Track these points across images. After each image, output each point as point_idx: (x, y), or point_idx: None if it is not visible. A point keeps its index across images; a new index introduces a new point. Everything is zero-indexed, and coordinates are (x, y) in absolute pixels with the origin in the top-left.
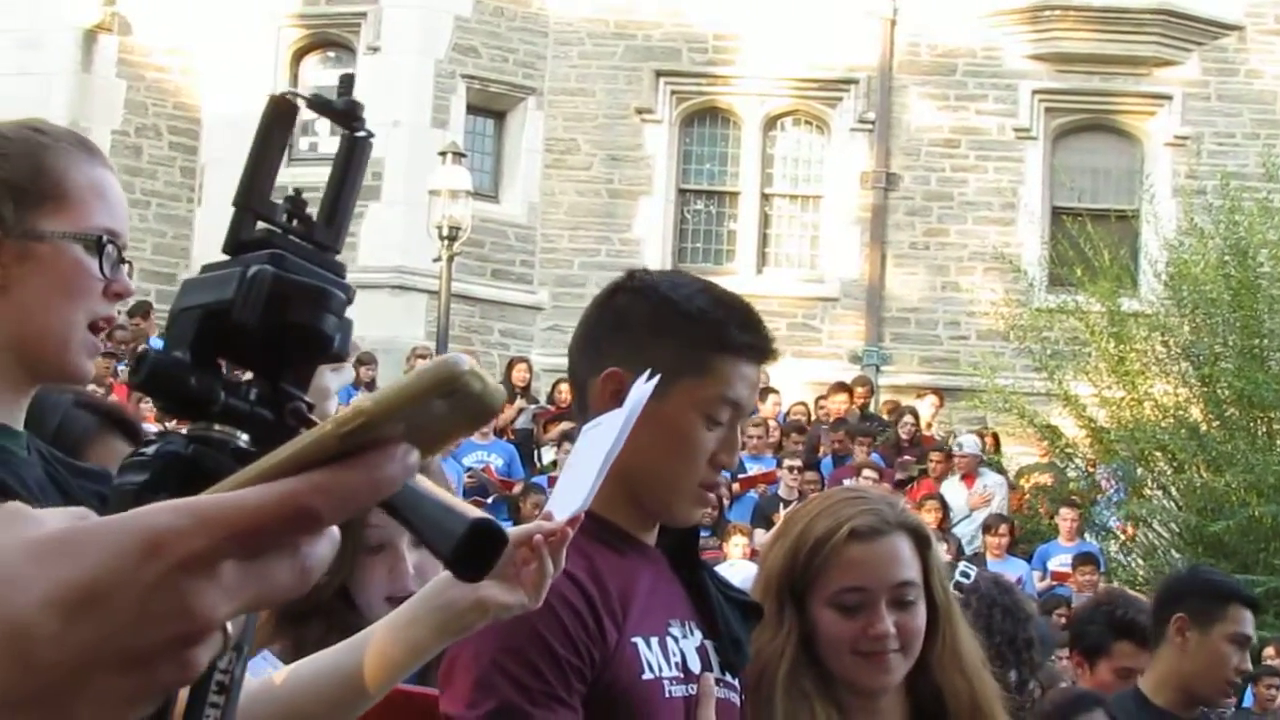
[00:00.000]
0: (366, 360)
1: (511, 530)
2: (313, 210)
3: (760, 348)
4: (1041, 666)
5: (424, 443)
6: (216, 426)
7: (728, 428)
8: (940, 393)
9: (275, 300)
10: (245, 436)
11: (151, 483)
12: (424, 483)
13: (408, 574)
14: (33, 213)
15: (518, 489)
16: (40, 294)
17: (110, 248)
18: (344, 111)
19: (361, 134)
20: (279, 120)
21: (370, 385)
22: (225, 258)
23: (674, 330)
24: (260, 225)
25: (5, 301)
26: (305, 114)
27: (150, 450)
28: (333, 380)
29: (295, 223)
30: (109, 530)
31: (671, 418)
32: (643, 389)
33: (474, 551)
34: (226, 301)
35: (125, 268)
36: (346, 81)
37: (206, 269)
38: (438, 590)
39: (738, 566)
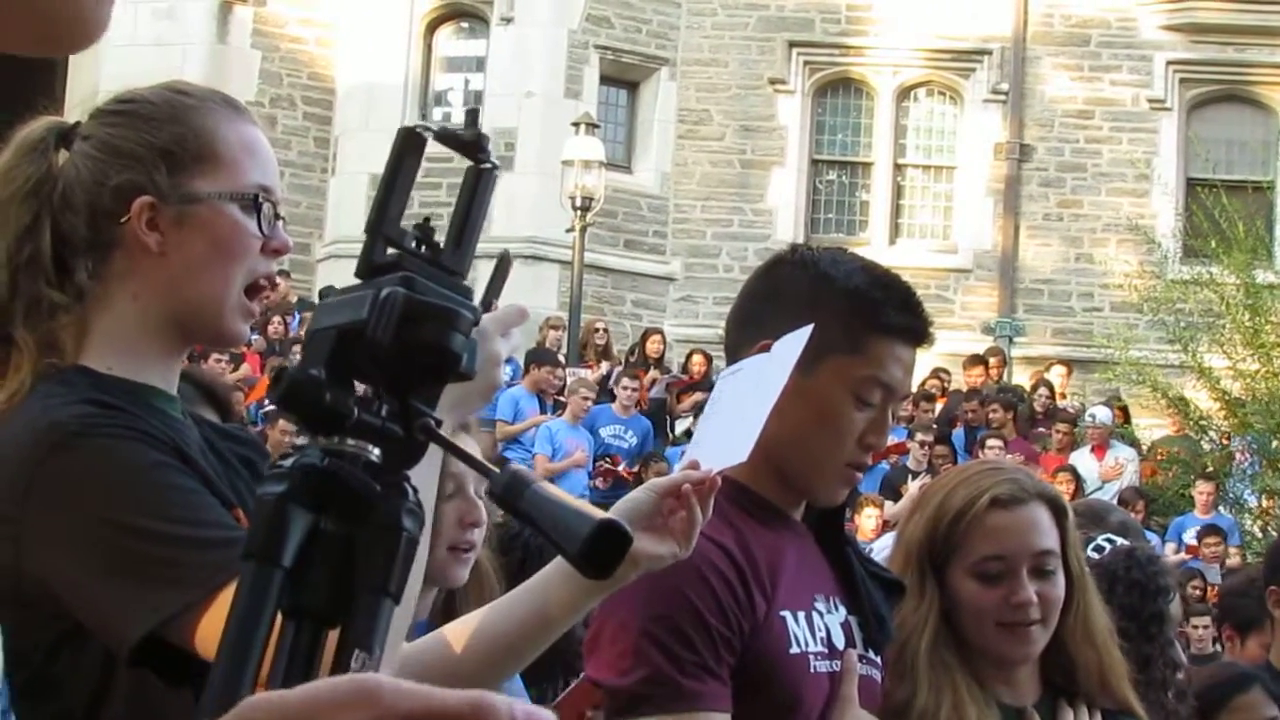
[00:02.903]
0: None
1: (659, 480)
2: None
3: (916, 330)
4: (1171, 643)
5: None
6: (350, 441)
7: (878, 409)
8: (1069, 364)
9: (407, 320)
10: (377, 451)
11: (290, 492)
12: (548, 488)
13: (481, 521)
14: (186, 175)
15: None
16: (200, 256)
17: (266, 205)
18: (471, 143)
19: (487, 165)
20: (409, 151)
21: None
22: (351, 278)
23: (829, 307)
24: (391, 250)
25: (164, 267)
26: (438, 84)
27: (288, 463)
28: (503, 346)
29: (423, 248)
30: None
31: (821, 394)
32: (798, 338)
33: (600, 551)
34: (361, 322)
35: (281, 223)
36: (473, 115)
37: (339, 292)
38: None
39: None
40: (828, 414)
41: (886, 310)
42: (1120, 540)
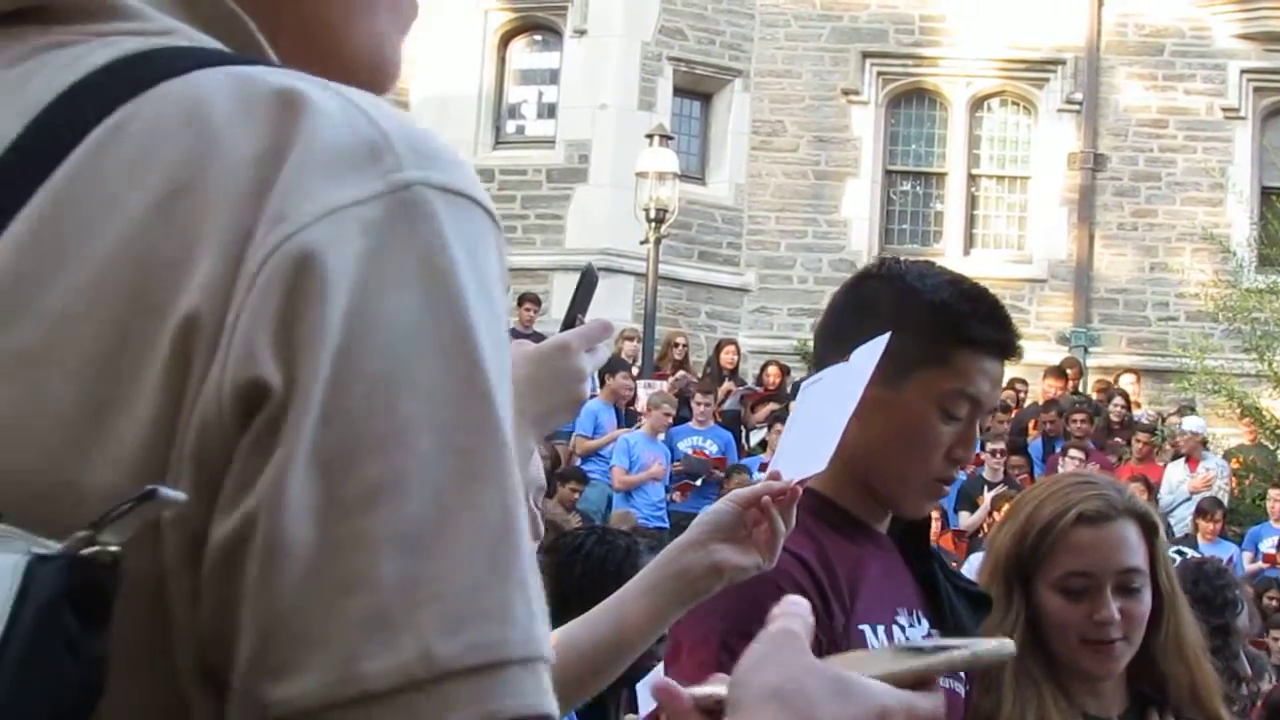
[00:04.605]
0: None
1: (740, 491)
2: None
3: (1003, 343)
4: (1237, 656)
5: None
6: None
7: (965, 422)
8: (1138, 372)
9: None
10: None
11: None
12: None
13: (540, 534)
14: None
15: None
16: None
17: None
18: None
19: None
20: None
21: None
22: None
23: (916, 320)
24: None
25: None
26: (512, 97)
27: None
28: (588, 361)
29: None
30: (868, 694)
31: (908, 408)
32: (875, 346)
33: None
34: None
35: None
36: None
37: None
38: (672, 557)
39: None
40: (915, 428)
41: (973, 323)
42: (1190, 552)
